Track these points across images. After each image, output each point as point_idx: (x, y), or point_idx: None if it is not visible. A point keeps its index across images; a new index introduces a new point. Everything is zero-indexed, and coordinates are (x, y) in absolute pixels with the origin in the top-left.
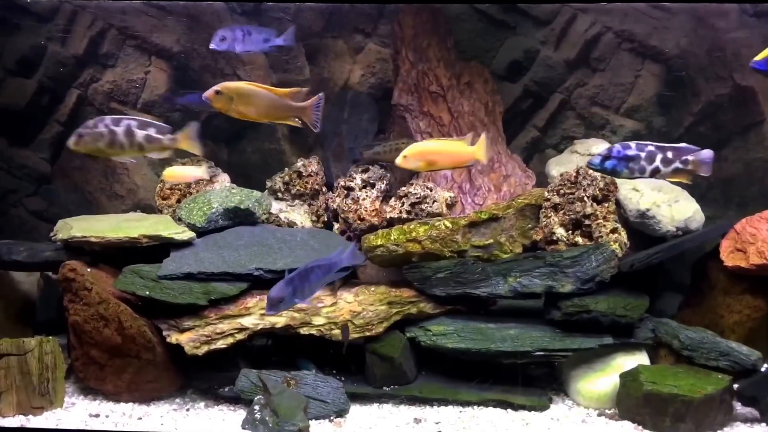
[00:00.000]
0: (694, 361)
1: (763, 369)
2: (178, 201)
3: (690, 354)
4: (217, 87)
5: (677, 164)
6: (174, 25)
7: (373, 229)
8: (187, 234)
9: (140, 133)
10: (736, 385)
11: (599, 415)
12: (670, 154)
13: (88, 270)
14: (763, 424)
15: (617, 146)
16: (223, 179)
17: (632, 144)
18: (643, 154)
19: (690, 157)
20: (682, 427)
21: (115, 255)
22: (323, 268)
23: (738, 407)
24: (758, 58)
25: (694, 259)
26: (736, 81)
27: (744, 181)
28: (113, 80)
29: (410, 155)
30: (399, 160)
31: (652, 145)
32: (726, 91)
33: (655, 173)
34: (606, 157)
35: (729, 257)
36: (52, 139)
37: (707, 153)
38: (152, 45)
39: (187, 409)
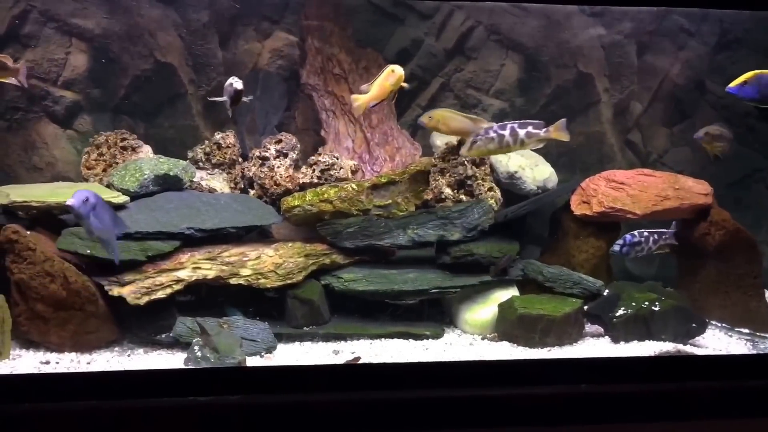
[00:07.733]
0: (554, 290)
1: (604, 294)
2: (104, 170)
3: (551, 285)
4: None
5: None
6: (94, 9)
7: (287, 193)
8: (122, 198)
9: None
10: (586, 307)
11: (482, 338)
12: (656, 237)
13: (28, 233)
14: (607, 337)
15: (627, 236)
16: (146, 150)
17: (636, 233)
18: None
19: (667, 236)
20: (548, 341)
21: (47, 220)
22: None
23: (588, 325)
24: (732, 84)
25: (550, 212)
26: (579, 68)
27: (585, 150)
28: (33, 59)
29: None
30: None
31: (646, 231)
32: (569, 77)
33: (649, 251)
34: (621, 245)
35: (577, 208)
36: None
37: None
38: (73, 27)
39: (128, 355)
